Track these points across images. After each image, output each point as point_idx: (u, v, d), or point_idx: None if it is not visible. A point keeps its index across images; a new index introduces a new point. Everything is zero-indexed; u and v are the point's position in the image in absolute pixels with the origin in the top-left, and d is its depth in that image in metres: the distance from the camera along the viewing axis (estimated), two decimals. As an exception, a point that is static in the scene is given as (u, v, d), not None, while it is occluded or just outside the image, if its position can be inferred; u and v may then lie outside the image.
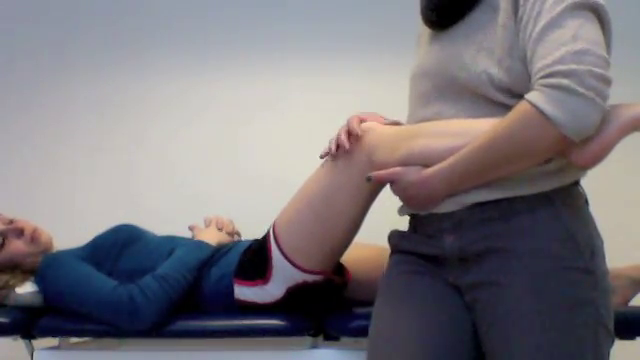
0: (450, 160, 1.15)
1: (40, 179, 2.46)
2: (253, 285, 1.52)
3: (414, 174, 1.20)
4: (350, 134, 1.38)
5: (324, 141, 2.61)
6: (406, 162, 1.23)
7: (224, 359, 1.59)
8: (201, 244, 1.63)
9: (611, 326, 1.14)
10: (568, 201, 1.15)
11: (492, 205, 1.14)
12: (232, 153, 2.49)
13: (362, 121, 1.42)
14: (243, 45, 2.56)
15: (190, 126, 2.51)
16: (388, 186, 1.32)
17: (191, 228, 1.76)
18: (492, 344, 1.13)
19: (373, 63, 2.56)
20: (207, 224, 1.77)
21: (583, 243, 1.12)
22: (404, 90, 2.70)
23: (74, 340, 1.69)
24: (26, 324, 1.57)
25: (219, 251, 1.64)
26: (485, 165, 1.12)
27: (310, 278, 1.49)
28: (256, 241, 1.59)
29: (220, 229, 1.74)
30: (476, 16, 1.20)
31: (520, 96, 1.09)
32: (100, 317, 1.51)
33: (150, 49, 2.57)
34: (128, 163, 2.49)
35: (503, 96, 1.14)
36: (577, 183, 1.21)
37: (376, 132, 1.36)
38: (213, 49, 2.57)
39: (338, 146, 1.40)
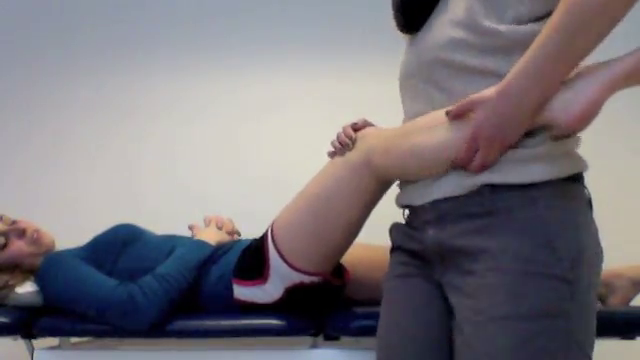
0: (525, 56, 1.01)
1: (40, 179, 2.46)
2: (252, 285, 1.52)
3: (489, 91, 1.04)
4: (349, 137, 1.39)
5: (324, 141, 2.61)
6: (402, 161, 1.21)
7: (224, 359, 1.59)
8: (201, 243, 1.63)
9: (588, 345, 1.03)
10: (555, 202, 1.05)
11: (474, 198, 1.07)
12: (232, 153, 2.49)
13: (355, 129, 1.42)
14: (243, 46, 2.57)
15: (190, 126, 2.51)
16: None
17: (191, 227, 1.76)
18: (456, 348, 1.07)
19: (373, 65, 2.56)
20: (207, 223, 1.77)
21: (564, 249, 1.02)
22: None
23: (74, 340, 1.69)
24: (26, 324, 1.57)
25: (219, 250, 1.64)
26: (567, 39, 0.97)
27: (308, 279, 1.48)
28: (255, 240, 1.59)
29: (220, 228, 1.74)
30: (441, 5, 1.17)
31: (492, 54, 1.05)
32: (100, 317, 1.51)
33: (151, 50, 2.57)
34: (128, 163, 2.49)
35: (477, 59, 1.08)
36: (575, 180, 1.10)
37: (372, 135, 1.36)
38: (214, 50, 2.57)
39: (341, 146, 1.40)
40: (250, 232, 1.72)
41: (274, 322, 1.50)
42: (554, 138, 1.05)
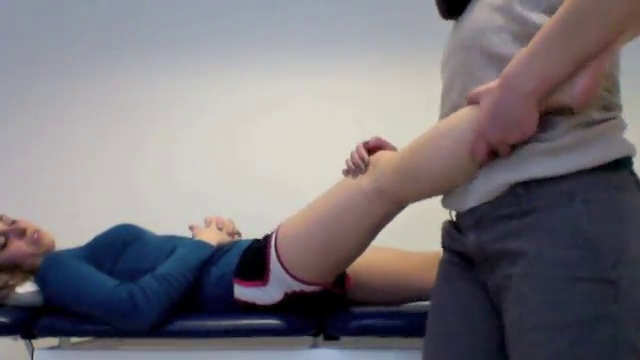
0: (530, 43, 0.99)
1: (40, 179, 2.46)
2: (252, 286, 1.52)
3: (490, 83, 1.04)
4: (362, 160, 1.40)
5: (324, 142, 2.62)
6: (414, 184, 1.22)
7: (224, 359, 1.59)
8: (201, 244, 1.63)
9: None
10: (594, 194, 0.99)
11: (509, 199, 1.03)
12: (232, 153, 2.49)
13: (369, 150, 1.44)
14: (243, 46, 2.57)
15: (190, 127, 2.51)
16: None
17: (191, 228, 1.76)
18: (508, 353, 1.04)
19: (373, 64, 2.56)
20: (207, 224, 1.77)
21: (603, 247, 0.95)
22: (404, 90, 2.72)
23: (74, 340, 1.69)
24: (26, 324, 1.57)
25: (219, 251, 1.64)
26: (567, 32, 0.95)
27: (308, 288, 1.49)
28: (257, 241, 1.59)
29: (220, 229, 1.74)
30: None
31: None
32: (101, 317, 1.51)
33: (151, 50, 2.57)
34: (128, 163, 2.49)
35: (510, 46, 1.05)
36: (619, 167, 1.02)
37: (384, 160, 1.36)
38: (213, 50, 2.57)
39: (355, 167, 1.41)
40: (250, 233, 1.72)
41: (274, 322, 1.50)
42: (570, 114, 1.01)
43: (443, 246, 1.25)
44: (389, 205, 1.36)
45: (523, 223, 1.01)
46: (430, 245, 1.62)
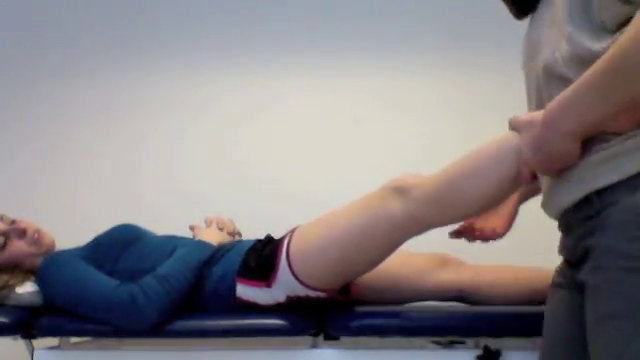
0: (569, 90, 1.02)
1: (40, 179, 2.46)
2: (255, 286, 1.52)
3: (538, 114, 1.07)
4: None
5: (324, 141, 2.62)
6: (448, 211, 1.28)
7: (224, 359, 1.59)
8: (202, 244, 1.63)
9: None
10: None
11: (586, 204, 1.06)
12: (232, 153, 2.49)
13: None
14: (243, 46, 2.57)
15: (190, 127, 2.51)
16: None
17: (192, 228, 1.76)
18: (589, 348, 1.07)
19: (373, 63, 2.56)
20: (208, 224, 1.77)
21: None
22: (403, 90, 2.72)
23: (74, 340, 1.69)
24: (26, 324, 1.57)
25: (220, 251, 1.64)
26: (611, 80, 0.98)
27: (313, 294, 1.50)
28: (259, 241, 1.60)
29: (221, 229, 1.74)
30: None
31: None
32: (101, 317, 1.51)
33: (150, 50, 2.57)
34: (129, 163, 2.49)
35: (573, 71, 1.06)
36: None
37: (416, 187, 1.37)
38: (213, 50, 2.57)
39: None
40: (251, 233, 1.72)
41: (274, 322, 1.50)
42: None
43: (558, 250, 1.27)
44: (417, 229, 1.39)
45: (596, 222, 1.04)
46: (431, 246, 1.63)
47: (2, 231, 1.65)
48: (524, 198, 1.56)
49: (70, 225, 1.93)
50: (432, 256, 1.73)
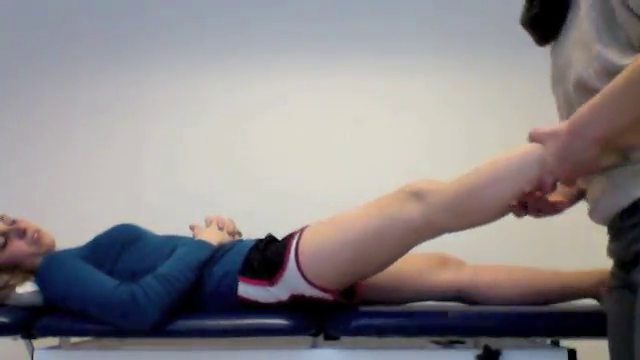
0: (596, 98, 1.07)
1: (41, 179, 2.47)
2: (258, 284, 1.52)
3: (562, 125, 1.14)
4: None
5: (324, 141, 2.63)
6: (466, 217, 1.32)
7: (224, 359, 1.59)
8: (202, 243, 1.63)
9: None
10: None
11: (633, 211, 1.11)
12: (233, 153, 2.50)
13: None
14: (244, 46, 2.57)
15: (191, 127, 2.52)
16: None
17: (192, 227, 1.76)
18: None
19: (373, 62, 2.56)
20: (208, 224, 1.77)
21: None
22: (404, 89, 2.72)
23: (74, 340, 1.69)
24: (26, 324, 1.57)
25: (220, 250, 1.64)
26: (637, 88, 1.03)
27: (319, 294, 1.50)
28: (261, 241, 1.60)
29: (221, 228, 1.74)
30: (571, 17, 1.20)
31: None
32: (101, 317, 1.51)
33: (151, 50, 2.57)
34: (129, 163, 2.49)
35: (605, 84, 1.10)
36: None
37: (433, 193, 1.38)
38: (214, 50, 2.57)
39: None
40: (251, 232, 1.72)
41: (274, 322, 1.50)
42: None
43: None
44: (432, 234, 1.42)
45: None
46: (433, 247, 1.63)
47: (2, 231, 1.65)
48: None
49: (70, 225, 1.93)
50: (432, 256, 1.73)
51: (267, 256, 1.53)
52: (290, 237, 1.53)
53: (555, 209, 1.34)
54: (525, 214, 1.32)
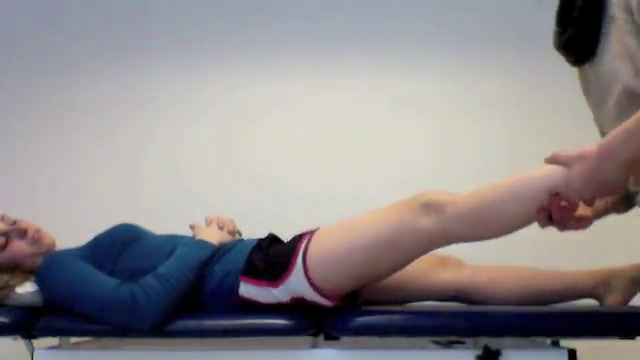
0: (628, 122, 1.13)
1: (42, 179, 2.47)
2: (259, 285, 1.52)
3: (590, 147, 1.19)
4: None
5: (325, 141, 2.63)
6: (480, 230, 1.35)
7: (224, 359, 1.59)
8: (202, 243, 1.63)
9: None
10: None
11: None
12: (233, 153, 2.50)
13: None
14: (244, 46, 2.57)
15: (192, 127, 2.52)
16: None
17: (192, 227, 1.76)
18: None
19: (373, 62, 2.56)
20: (208, 223, 1.76)
21: None
22: (404, 89, 2.72)
23: (74, 340, 1.69)
24: (26, 324, 1.57)
25: (220, 250, 1.63)
26: None
27: (322, 301, 1.50)
28: (263, 241, 1.60)
29: (221, 228, 1.74)
30: (606, 32, 1.23)
31: None
32: (101, 317, 1.51)
33: (152, 50, 2.57)
34: (129, 163, 2.49)
35: None
36: None
37: (449, 205, 1.39)
38: (214, 51, 2.57)
39: None
40: (251, 232, 1.72)
41: (275, 322, 1.50)
42: None
43: None
44: (444, 244, 1.44)
45: None
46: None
47: (3, 231, 1.65)
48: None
49: (72, 225, 1.93)
50: (431, 256, 1.73)
51: (272, 257, 1.53)
52: (299, 240, 1.53)
53: (580, 224, 1.35)
54: (549, 224, 1.33)
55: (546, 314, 1.52)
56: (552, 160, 1.25)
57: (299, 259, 1.48)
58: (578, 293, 1.71)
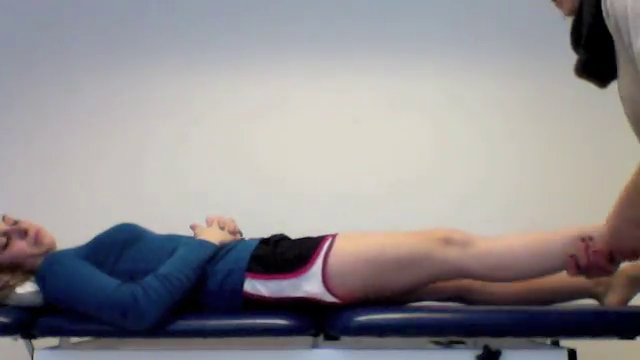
0: (622, 193, 1.22)
1: (43, 179, 2.47)
2: (267, 279, 1.53)
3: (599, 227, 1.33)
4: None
5: (326, 141, 2.63)
6: (498, 273, 1.48)
7: (224, 359, 1.59)
8: (203, 243, 1.63)
9: None
10: None
11: None
12: (233, 153, 2.50)
13: None
14: (244, 46, 2.57)
15: (193, 127, 2.52)
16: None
17: (193, 227, 1.76)
18: None
19: (373, 62, 2.56)
20: (209, 223, 1.77)
21: None
22: (404, 90, 2.71)
23: (74, 340, 1.69)
24: (27, 324, 1.57)
25: (222, 250, 1.64)
26: None
27: (330, 299, 1.53)
28: (268, 239, 1.61)
29: (222, 228, 1.74)
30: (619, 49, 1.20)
31: None
32: (102, 317, 1.50)
33: (152, 50, 2.57)
34: (130, 163, 2.49)
35: None
36: None
37: (478, 243, 1.49)
38: (215, 51, 2.57)
39: None
40: (252, 232, 1.72)
41: (275, 322, 1.50)
42: None
43: None
44: (456, 277, 1.58)
45: None
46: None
47: (4, 231, 1.65)
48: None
49: (71, 225, 1.93)
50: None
51: (286, 251, 1.56)
52: (322, 239, 1.57)
53: (608, 268, 1.42)
54: (577, 274, 1.42)
55: (546, 314, 1.52)
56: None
57: (319, 260, 1.52)
58: (578, 293, 1.71)
